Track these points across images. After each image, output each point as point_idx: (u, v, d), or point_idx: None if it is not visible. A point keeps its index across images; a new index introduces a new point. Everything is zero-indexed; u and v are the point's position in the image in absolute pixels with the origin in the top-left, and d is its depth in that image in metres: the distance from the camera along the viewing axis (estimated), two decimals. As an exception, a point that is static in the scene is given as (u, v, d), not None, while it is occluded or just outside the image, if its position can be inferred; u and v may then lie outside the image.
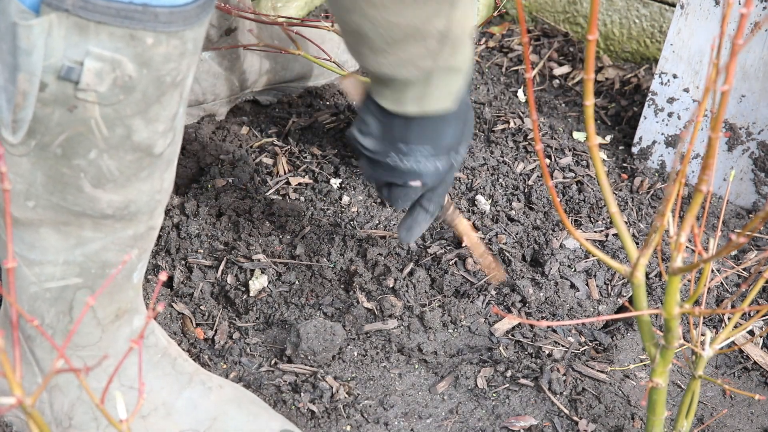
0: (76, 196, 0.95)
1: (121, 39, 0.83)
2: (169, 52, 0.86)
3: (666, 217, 0.82)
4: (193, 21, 0.86)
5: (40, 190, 0.94)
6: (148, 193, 0.99)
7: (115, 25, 0.82)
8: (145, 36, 0.84)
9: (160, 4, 0.83)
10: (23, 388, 1.10)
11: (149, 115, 0.91)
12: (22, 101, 0.87)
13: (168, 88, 0.90)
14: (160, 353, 1.16)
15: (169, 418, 1.15)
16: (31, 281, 1.03)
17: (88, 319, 1.07)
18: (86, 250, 1.01)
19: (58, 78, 0.85)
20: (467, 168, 1.71)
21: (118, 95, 0.87)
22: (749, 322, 1.02)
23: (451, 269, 1.47)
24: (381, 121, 1.19)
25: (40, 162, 0.92)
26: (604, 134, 1.86)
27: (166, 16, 0.84)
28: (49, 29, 0.82)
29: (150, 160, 0.96)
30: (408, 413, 1.29)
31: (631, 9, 2.05)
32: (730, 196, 1.70)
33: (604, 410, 1.29)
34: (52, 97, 0.86)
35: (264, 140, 1.77)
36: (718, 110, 0.72)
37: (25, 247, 1.01)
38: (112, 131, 0.90)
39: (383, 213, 1.60)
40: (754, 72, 1.62)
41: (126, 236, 1.02)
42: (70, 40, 0.83)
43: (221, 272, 1.46)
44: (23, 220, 0.98)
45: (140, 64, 0.86)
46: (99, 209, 0.97)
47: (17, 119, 0.88)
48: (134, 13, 0.82)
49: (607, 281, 1.47)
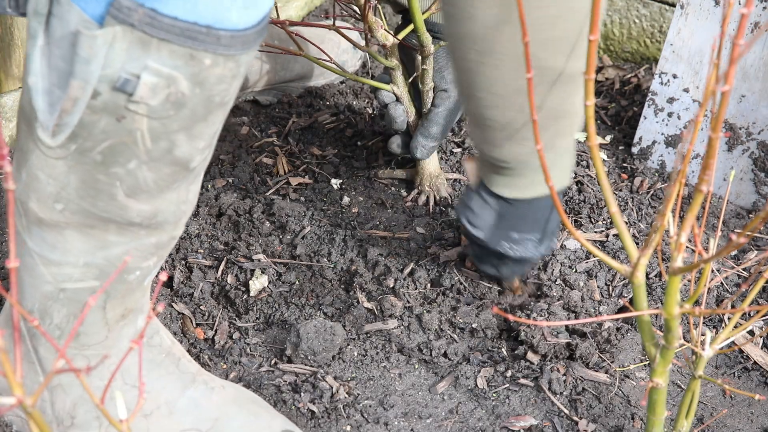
0: (107, 203, 0.96)
1: (181, 57, 0.85)
2: (223, 74, 0.88)
3: (666, 217, 0.82)
4: (251, 45, 0.88)
5: (72, 194, 0.95)
6: (175, 204, 1.00)
7: (178, 43, 0.83)
8: (204, 57, 0.85)
9: (223, 27, 0.84)
10: (25, 387, 1.11)
11: (193, 131, 0.92)
12: (71, 107, 0.87)
13: (215, 108, 0.92)
14: (164, 353, 1.17)
15: (172, 417, 1.15)
16: (47, 280, 1.04)
17: (97, 320, 1.08)
18: (108, 254, 1.02)
19: (113, 88, 0.86)
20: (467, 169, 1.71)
21: (168, 110, 0.88)
22: (749, 322, 1.02)
23: (451, 269, 1.47)
24: (497, 211, 1.26)
25: (77, 166, 0.93)
26: (604, 134, 1.86)
27: (227, 40, 0.85)
28: (112, 41, 0.83)
29: (184, 174, 0.97)
30: (408, 413, 1.29)
31: (631, 9, 2.05)
32: (730, 196, 1.70)
33: (604, 410, 1.29)
34: (103, 105, 0.87)
35: (264, 140, 1.77)
36: (719, 110, 0.72)
37: (46, 246, 1.01)
38: (155, 144, 0.91)
39: (383, 214, 1.60)
40: (754, 72, 1.62)
41: (149, 243, 1.03)
42: (132, 53, 0.84)
43: (221, 272, 1.46)
44: (48, 221, 0.98)
45: (195, 83, 0.87)
46: (128, 217, 0.98)
47: (61, 123, 0.89)
48: (198, 34, 0.83)
49: (608, 282, 1.47)
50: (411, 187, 1.66)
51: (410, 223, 1.58)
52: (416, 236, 1.55)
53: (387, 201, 1.62)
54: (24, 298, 1.07)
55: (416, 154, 1.56)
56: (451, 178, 1.67)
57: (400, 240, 1.53)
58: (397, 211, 1.61)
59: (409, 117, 1.59)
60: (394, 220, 1.58)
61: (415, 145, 1.55)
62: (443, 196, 1.63)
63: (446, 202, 1.62)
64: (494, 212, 1.25)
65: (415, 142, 1.55)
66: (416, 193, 1.64)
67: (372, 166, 1.72)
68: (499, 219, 1.26)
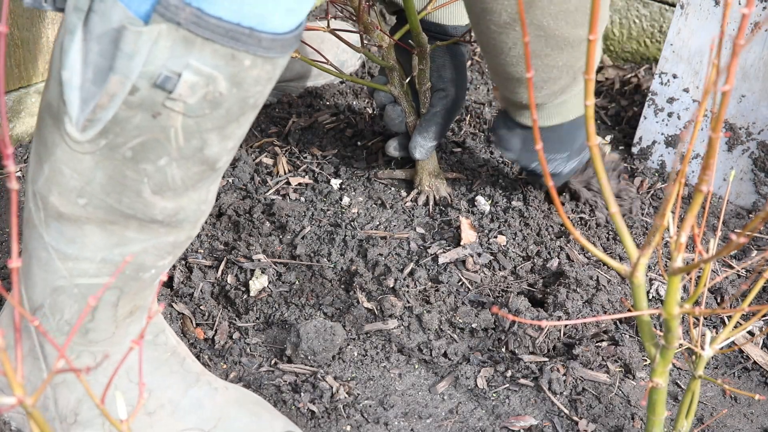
0: (132, 200, 0.96)
1: (223, 57, 0.86)
2: (260, 76, 0.89)
3: (666, 217, 0.82)
4: (289, 49, 0.89)
5: (97, 190, 0.95)
6: (197, 203, 1.01)
7: (221, 43, 0.85)
8: (244, 58, 0.86)
9: (265, 30, 0.86)
10: (30, 383, 1.11)
11: (226, 132, 0.93)
12: (108, 102, 0.88)
13: (249, 109, 0.93)
14: (169, 352, 1.17)
15: (175, 416, 1.15)
16: (61, 275, 1.04)
17: (107, 317, 1.08)
18: (125, 251, 1.02)
19: (153, 85, 0.86)
20: (467, 169, 1.71)
21: (204, 109, 0.89)
22: (749, 322, 1.02)
23: (451, 269, 1.47)
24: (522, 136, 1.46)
25: (105, 162, 0.93)
26: (604, 134, 1.86)
27: (268, 42, 0.86)
28: (157, 38, 0.84)
29: (210, 173, 0.98)
30: (408, 413, 1.29)
31: (631, 9, 2.05)
32: (730, 196, 1.70)
33: (604, 410, 1.29)
34: (140, 101, 0.87)
35: (264, 140, 1.77)
36: (719, 110, 0.72)
37: (63, 240, 1.01)
38: (188, 142, 0.92)
39: (383, 214, 1.60)
40: (754, 72, 1.62)
41: (166, 242, 1.03)
42: (175, 51, 0.85)
43: (221, 272, 1.46)
44: (68, 215, 0.98)
45: (233, 84, 0.88)
46: (151, 214, 0.98)
47: (94, 118, 0.90)
48: (241, 35, 0.85)
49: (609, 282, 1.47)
50: (411, 187, 1.66)
51: (410, 223, 1.58)
52: (416, 236, 1.55)
53: (387, 201, 1.62)
54: (34, 293, 1.07)
55: (415, 155, 1.56)
56: (451, 178, 1.67)
57: (400, 240, 1.53)
58: (397, 211, 1.61)
59: (407, 118, 1.59)
60: (394, 220, 1.58)
61: (414, 145, 1.55)
62: (443, 196, 1.63)
63: (446, 202, 1.62)
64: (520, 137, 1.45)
65: (413, 142, 1.56)
66: (416, 193, 1.64)
67: (372, 166, 1.72)
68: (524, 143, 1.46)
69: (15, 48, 1.63)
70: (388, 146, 1.63)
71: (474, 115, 1.85)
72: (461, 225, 1.53)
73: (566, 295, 1.41)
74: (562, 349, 1.37)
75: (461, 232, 1.52)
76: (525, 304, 1.41)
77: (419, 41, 1.50)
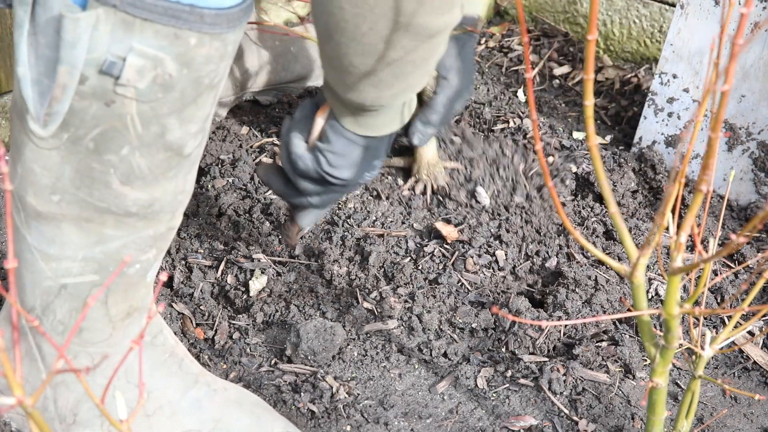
0: (102, 192, 0.96)
1: (166, 37, 0.85)
2: (210, 54, 0.88)
3: (666, 217, 0.82)
4: (236, 24, 0.88)
5: (67, 185, 0.95)
6: (172, 193, 1.00)
7: (161, 23, 0.84)
8: (189, 36, 0.85)
9: (206, 5, 0.85)
10: (28, 383, 1.11)
11: (184, 115, 0.92)
12: (61, 94, 0.88)
13: (205, 90, 0.92)
14: (167, 353, 1.17)
15: (174, 418, 1.15)
16: (47, 276, 1.04)
17: (100, 316, 1.08)
18: (106, 248, 1.02)
19: (100, 72, 0.86)
20: (465, 159, 1.70)
21: (156, 93, 0.88)
22: (749, 322, 1.02)
23: (451, 269, 1.47)
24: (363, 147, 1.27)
25: (70, 156, 0.93)
26: (604, 134, 1.86)
27: (211, 18, 0.85)
28: (96, 23, 0.83)
29: (178, 160, 0.97)
30: (408, 413, 1.29)
31: (631, 9, 2.05)
32: (730, 196, 1.70)
33: (604, 410, 1.29)
34: (91, 90, 0.87)
35: (264, 140, 1.77)
36: (718, 110, 0.72)
37: (44, 241, 1.01)
38: (146, 129, 0.91)
39: (380, 208, 1.60)
40: (754, 72, 1.62)
41: (146, 236, 1.03)
42: (115, 35, 0.84)
43: (221, 272, 1.46)
44: (46, 214, 0.98)
45: (182, 64, 0.87)
46: (124, 206, 0.98)
47: (52, 112, 0.89)
48: (181, 13, 0.84)
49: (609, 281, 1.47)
50: (407, 176, 1.66)
51: (407, 217, 1.58)
52: (414, 234, 1.55)
53: (383, 192, 1.62)
54: (25, 295, 1.07)
55: (413, 141, 1.55)
56: (449, 167, 1.66)
57: (397, 238, 1.53)
58: (394, 203, 1.61)
59: None
60: (391, 215, 1.58)
61: (413, 131, 1.55)
62: (441, 185, 1.62)
63: (444, 192, 1.61)
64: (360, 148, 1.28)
65: (413, 128, 1.55)
66: (413, 182, 1.63)
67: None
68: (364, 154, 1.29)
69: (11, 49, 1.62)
70: None
71: (474, 116, 1.85)
72: (439, 230, 1.52)
73: (566, 295, 1.41)
74: (562, 349, 1.37)
75: (443, 235, 1.52)
76: (525, 304, 1.41)
77: None
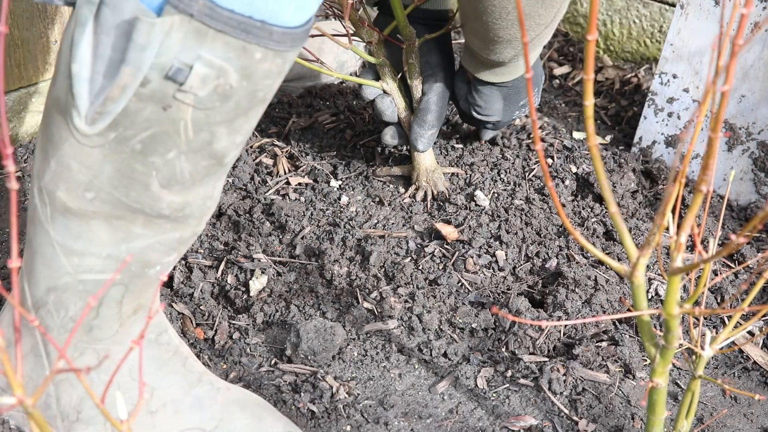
0: (140, 194, 0.96)
1: (234, 50, 0.86)
2: (270, 69, 0.90)
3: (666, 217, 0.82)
4: (298, 43, 0.90)
5: (105, 183, 0.96)
6: (203, 198, 1.01)
7: (233, 35, 0.86)
8: (255, 51, 0.87)
9: (276, 23, 0.87)
10: (32, 381, 1.11)
11: (234, 125, 0.94)
12: (119, 94, 0.88)
13: (258, 103, 0.93)
14: (171, 351, 1.17)
15: (177, 416, 1.16)
16: (66, 271, 1.04)
17: (112, 314, 1.08)
18: (131, 247, 1.02)
19: (165, 77, 0.87)
20: (466, 164, 1.71)
21: (214, 102, 0.90)
22: (749, 322, 1.02)
23: (450, 269, 1.47)
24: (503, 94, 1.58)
25: (113, 155, 0.93)
26: (604, 134, 1.86)
27: (279, 36, 0.88)
28: (169, 30, 0.85)
29: (217, 168, 0.98)
30: (408, 413, 1.29)
31: (631, 9, 2.05)
32: (730, 196, 1.70)
33: (604, 410, 1.29)
34: (150, 93, 0.88)
35: (264, 140, 1.77)
36: (718, 110, 0.72)
37: (69, 236, 1.01)
38: (197, 135, 0.92)
39: (382, 212, 1.60)
40: (754, 72, 1.62)
41: (172, 238, 1.03)
42: (186, 43, 0.85)
43: (221, 272, 1.46)
44: (76, 211, 0.99)
45: (243, 76, 0.89)
46: (158, 209, 0.99)
47: (104, 111, 0.90)
48: (252, 28, 0.86)
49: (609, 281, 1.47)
50: (409, 184, 1.66)
51: (408, 221, 1.58)
52: (415, 235, 1.55)
53: (385, 198, 1.62)
54: (38, 289, 1.07)
55: (417, 146, 1.56)
56: (448, 173, 1.67)
57: (398, 239, 1.53)
58: (395, 209, 1.61)
59: (400, 113, 1.58)
60: (393, 219, 1.58)
61: (415, 137, 1.56)
62: (440, 191, 1.62)
63: (444, 197, 1.62)
64: (501, 96, 1.58)
65: (413, 134, 1.56)
66: (414, 189, 1.64)
67: (370, 164, 1.72)
68: (506, 99, 1.59)
69: (15, 48, 1.63)
70: (384, 135, 1.62)
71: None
72: (439, 230, 1.52)
73: (566, 295, 1.41)
74: (562, 349, 1.37)
75: (443, 235, 1.52)
76: (525, 305, 1.41)
77: (406, 34, 1.49)
